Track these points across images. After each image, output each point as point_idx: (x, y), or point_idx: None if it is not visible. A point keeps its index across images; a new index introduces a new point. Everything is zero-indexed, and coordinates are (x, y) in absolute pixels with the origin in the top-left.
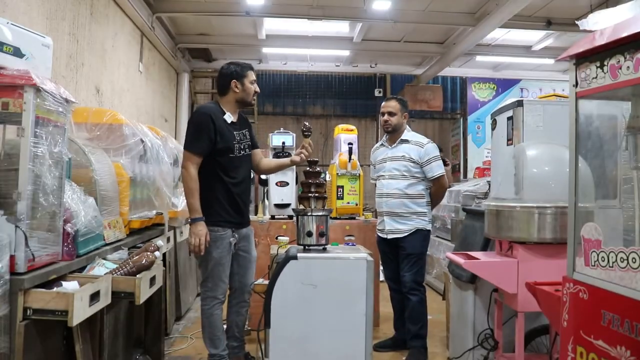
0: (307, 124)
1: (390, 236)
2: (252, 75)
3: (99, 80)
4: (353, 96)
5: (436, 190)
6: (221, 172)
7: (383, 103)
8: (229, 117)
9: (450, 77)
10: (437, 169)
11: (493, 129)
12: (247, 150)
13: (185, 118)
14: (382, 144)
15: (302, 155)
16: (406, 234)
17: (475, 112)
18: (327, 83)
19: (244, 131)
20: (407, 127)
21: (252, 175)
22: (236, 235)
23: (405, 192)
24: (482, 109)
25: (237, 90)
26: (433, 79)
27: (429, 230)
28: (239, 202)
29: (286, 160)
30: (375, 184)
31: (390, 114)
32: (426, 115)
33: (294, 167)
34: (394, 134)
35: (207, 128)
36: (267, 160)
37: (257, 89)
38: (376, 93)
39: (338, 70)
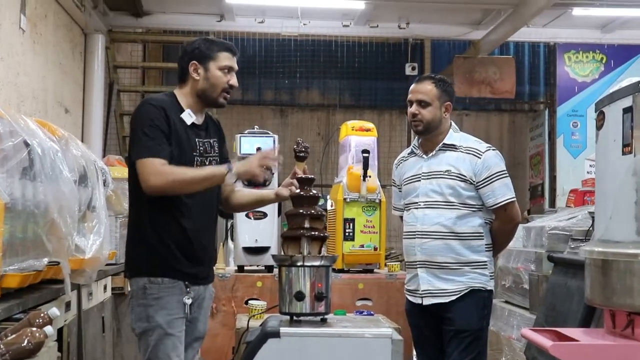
0: (301, 141)
1: (428, 301)
2: (225, 60)
3: None
4: (371, 75)
5: (501, 227)
6: (166, 203)
7: (412, 86)
8: (189, 117)
9: (530, 44)
10: (504, 192)
11: (599, 127)
12: None
13: (99, 106)
14: (412, 152)
15: (293, 188)
16: (454, 298)
17: (570, 99)
18: (330, 54)
19: (211, 141)
20: (453, 124)
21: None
22: (191, 294)
23: (451, 230)
24: (581, 94)
25: (197, 77)
26: (500, 46)
27: (491, 292)
28: (194, 243)
29: (269, 192)
30: (403, 217)
31: (421, 103)
32: (489, 106)
33: None
34: (429, 137)
35: (160, 124)
36: (240, 192)
37: (234, 82)
38: (408, 70)
39: (347, 32)
